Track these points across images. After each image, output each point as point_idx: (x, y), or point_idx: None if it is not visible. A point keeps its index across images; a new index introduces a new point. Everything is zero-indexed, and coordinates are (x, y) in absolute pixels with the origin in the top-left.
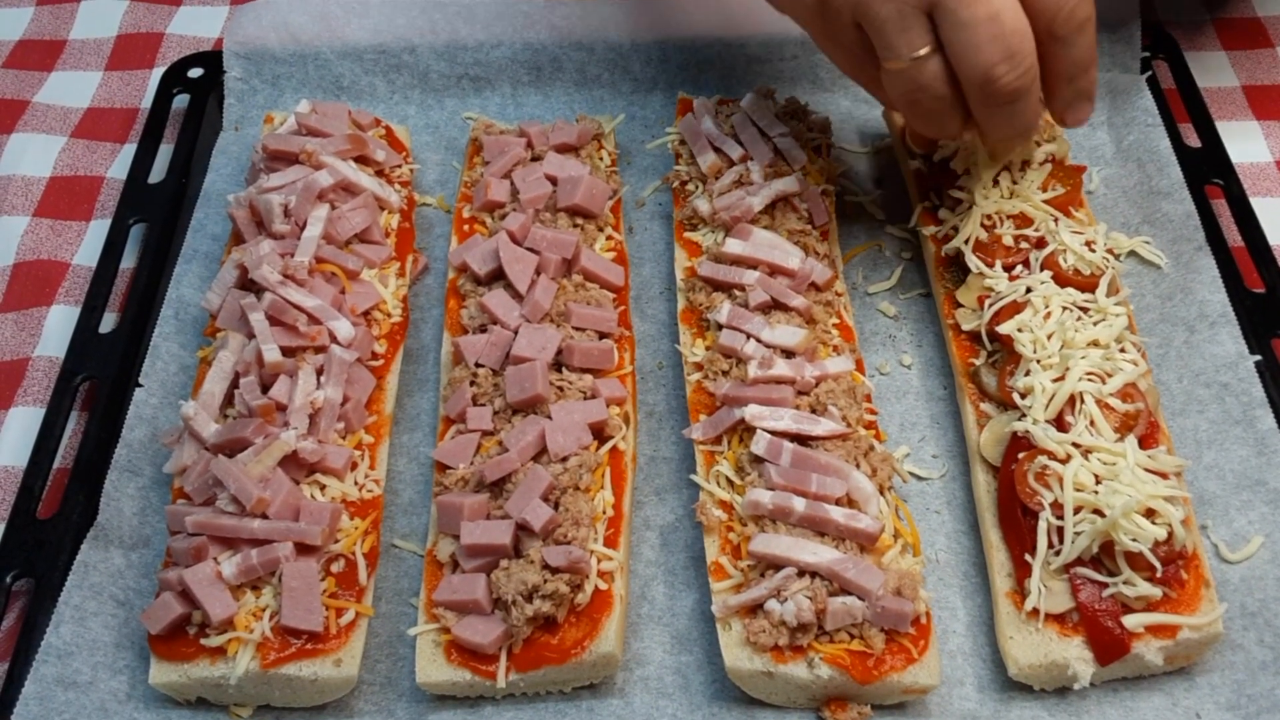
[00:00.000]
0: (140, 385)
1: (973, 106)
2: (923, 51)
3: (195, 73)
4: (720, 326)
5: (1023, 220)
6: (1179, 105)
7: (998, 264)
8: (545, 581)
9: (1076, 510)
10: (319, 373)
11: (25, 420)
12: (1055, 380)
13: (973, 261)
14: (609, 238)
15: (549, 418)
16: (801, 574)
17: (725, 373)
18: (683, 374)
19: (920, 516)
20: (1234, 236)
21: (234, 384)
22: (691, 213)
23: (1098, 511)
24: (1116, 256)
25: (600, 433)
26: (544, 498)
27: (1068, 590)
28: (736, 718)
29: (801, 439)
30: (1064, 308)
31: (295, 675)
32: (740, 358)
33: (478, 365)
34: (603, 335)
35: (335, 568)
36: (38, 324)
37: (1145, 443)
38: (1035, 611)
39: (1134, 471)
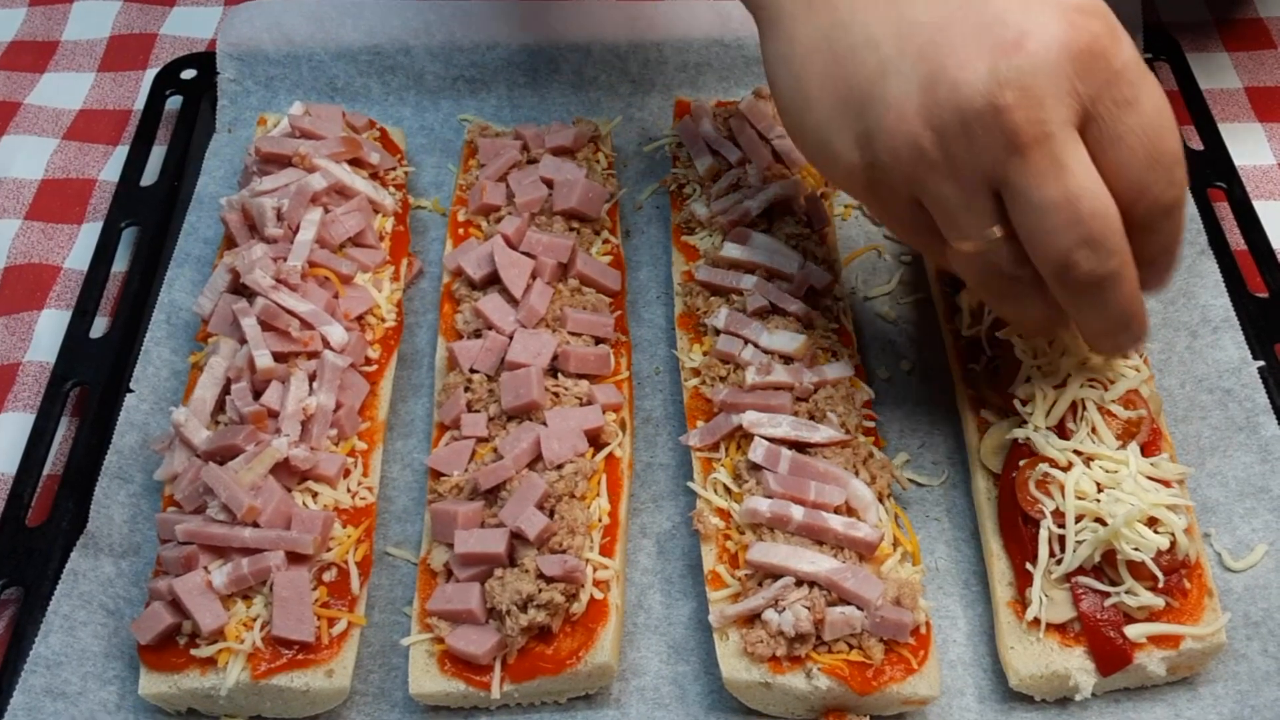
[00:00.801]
0: (131, 391)
1: (1054, 294)
2: (994, 233)
3: (188, 74)
4: (718, 332)
5: None
6: (1181, 107)
7: None
8: (540, 591)
9: (1078, 519)
10: (311, 378)
11: (15, 426)
12: (1056, 387)
13: None
14: (605, 241)
15: (544, 424)
16: (800, 583)
17: (723, 378)
18: (680, 379)
19: (920, 524)
20: (1237, 240)
21: (225, 390)
22: (689, 216)
23: (1100, 520)
24: None
25: (596, 439)
26: (539, 505)
27: (1069, 600)
28: None
29: (800, 446)
30: None
31: (287, 686)
32: (738, 363)
33: (472, 371)
34: (599, 340)
35: (327, 576)
36: (28, 328)
37: (1147, 450)
38: (1036, 621)
39: (1136, 479)
